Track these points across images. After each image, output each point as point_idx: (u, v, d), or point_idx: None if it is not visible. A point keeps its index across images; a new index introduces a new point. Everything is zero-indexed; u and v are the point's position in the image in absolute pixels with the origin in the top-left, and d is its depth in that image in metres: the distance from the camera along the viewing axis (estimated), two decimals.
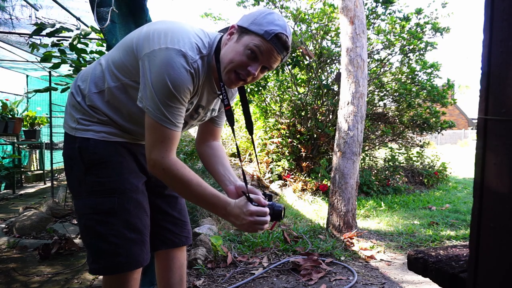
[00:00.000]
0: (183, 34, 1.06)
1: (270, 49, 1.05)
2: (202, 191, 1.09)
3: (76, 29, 2.75)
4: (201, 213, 3.46)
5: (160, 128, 1.03)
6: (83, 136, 1.15)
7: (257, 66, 1.08)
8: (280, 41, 1.05)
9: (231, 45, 1.09)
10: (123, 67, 1.11)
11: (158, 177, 1.11)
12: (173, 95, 1.01)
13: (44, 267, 2.48)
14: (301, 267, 2.39)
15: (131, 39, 1.11)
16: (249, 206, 1.10)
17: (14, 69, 6.17)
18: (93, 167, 1.14)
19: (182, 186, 1.08)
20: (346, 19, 3.25)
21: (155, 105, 1.01)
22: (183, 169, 1.07)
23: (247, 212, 1.09)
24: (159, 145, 1.05)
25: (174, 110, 1.04)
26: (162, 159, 1.05)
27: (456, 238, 3.17)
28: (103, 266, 1.14)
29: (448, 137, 24.07)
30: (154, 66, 1.01)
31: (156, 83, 1.00)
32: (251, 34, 1.05)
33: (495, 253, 0.64)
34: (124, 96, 1.14)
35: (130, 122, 1.18)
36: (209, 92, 1.20)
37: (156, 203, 1.35)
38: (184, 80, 1.02)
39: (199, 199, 1.11)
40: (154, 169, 1.08)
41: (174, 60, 1.00)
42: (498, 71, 0.62)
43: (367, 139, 5.73)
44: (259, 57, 1.06)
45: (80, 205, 1.17)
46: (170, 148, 1.06)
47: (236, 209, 1.10)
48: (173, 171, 1.06)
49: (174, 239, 1.40)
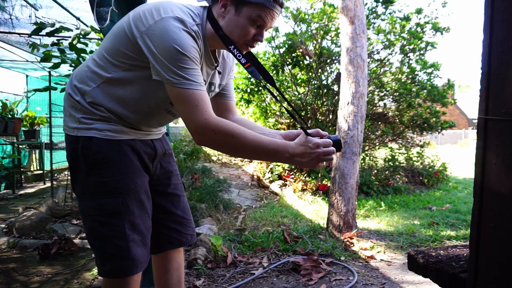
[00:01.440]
0: (173, 5, 1.07)
1: (271, 13, 1.09)
2: (260, 140, 1.05)
3: (75, 28, 2.75)
4: (201, 213, 3.47)
5: (187, 93, 1.01)
6: (86, 135, 1.12)
7: (263, 32, 1.12)
8: (278, 2, 1.08)
9: (231, 19, 1.09)
10: (118, 53, 1.09)
11: (210, 144, 1.07)
12: (185, 56, 1.00)
13: (43, 267, 2.48)
14: (301, 267, 2.39)
15: (121, 26, 1.10)
16: (314, 139, 1.07)
17: (14, 69, 6.17)
18: (96, 167, 1.12)
19: (237, 141, 1.04)
20: (346, 19, 3.25)
21: (173, 72, 1.00)
22: (231, 124, 1.04)
23: (314, 145, 1.06)
24: (196, 110, 1.01)
25: (191, 71, 1.01)
26: (206, 121, 1.01)
27: (456, 238, 3.17)
28: (110, 269, 1.13)
29: (448, 137, 24.06)
30: (155, 38, 1.00)
31: (164, 52, 0.99)
32: (249, 5, 1.06)
33: (495, 253, 0.64)
34: (126, 83, 1.11)
35: (134, 112, 1.16)
36: (207, 65, 1.19)
37: (159, 203, 1.33)
38: (188, 40, 1.01)
39: (258, 150, 1.06)
40: (203, 137, 1.03)
41: (173, 25, 1.00)
42: (498, 71, 0.62)
43: (367, 139, 5.73)
44: (264, 24, 1.10)
45: (84, 206, 1.15)
46: (208, 108, 1.03)
47: (299, 147, 1.07)
48: (224, 128, 1.02)
49: (180, 238, 1.38)
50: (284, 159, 1.08)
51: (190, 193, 3.91)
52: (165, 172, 1.35)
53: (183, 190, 1.45)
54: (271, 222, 3.64)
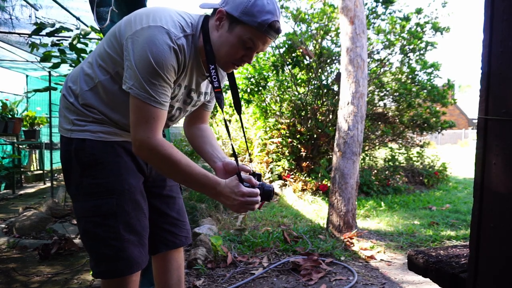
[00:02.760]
0: (165, 13, 1.06)
1: (264, 38, 1.07)
2: (191, 171, 1.07)
3: (75, 28, 2.75)
4: (201, 213, 3.46)
5: (144, 106, 1.01)
6: (79, 137, 1.13)
7: (252, 54, 1.11)
8: (273, 29, 1.06)
9: (223, 35, 1.08)
10: (109, 57, 1.09)
11: (144, 159, 1.09)
12: (156, 72, 1.00)
13: (43, 267, 2.48)
14: (301, 267, 2.38)
15: (113, 30, 1.10)
16: (241, 187, 1.08)
17: (14, 69, 6.17)
18: (89, 169, 1.12)
19: (170, 166, 1.06)
20: (346, 19, 3.25)
21: (139, 83, 1.00)
22: (171, 149, 1.05)
23: (239, 193, 1.08)
24: (144, 125, 1.02)
25: (158, 88, 1.02)
26: (148, 139, 1.02)
27: (456, 238, 3.17)
28: (105, 270, 1.13)
29: (448, 137, 24.06)
30: (137, 45, 1.00)
31: (139, 61, 0.99)
32: (243, 26, 1.04)
33: (495, 253, 0.64)
34: (116, 88, 1.11)
35: (126, 116, 1.15)
36: (198, 75, 1.19)
37: (154, 205, 1.33)
38: (167, 57, 1.00)
39: (188, 180, 1.08)
40: (140, 151, 1.05)
41: (157, 37, 1.00)
42: (498, 71, 0.62)
43: (367, 139, 5.72)
44: (254, 47, 1.08)
45: (79, 208, 1.15)
46: (156, 128, 1.04)
47: (226, 189, 1.09)
48: (160, 151, 1.03)
49: (174, 240, 1.39)
50: (211, 195, 1.11)
51: (190, 193, 3.91)
52: (160, 174, 1.35)
53: (179, 191, 1.46)
54: (271, 222, 3.64)
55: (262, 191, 1.14)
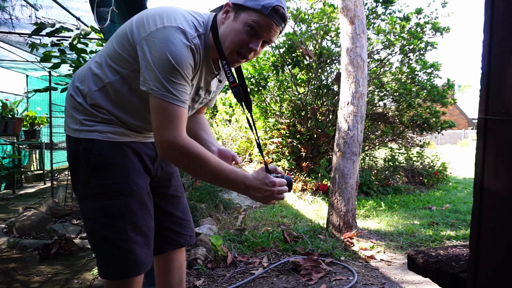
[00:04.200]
0: (178, 14, 1.06)
1: (269, 23, 1.06)
2: (221, 168, 1.05)
3: (76, 29, 2.75)
4: (201, 213, 3.46)
5: (168, 106, 1.00)
6: (88, 137, 1.12)
7: (258, 41, 1.09)
8: (278, 13, 1.05)
9: (229, 24, 1.08)
10: (120, 59, 1.09)
11: (172, 161, 1.07)
12: (176, 71, 0.99)
13: (44, 267, 2.48)
14: (301, 267, 2.39)
15: (124, 30, 1.09)
16: (271, 178, 1.08)
17: (14, 69, 6.17)
18: (98, 169, 1.12)
19: (200, 165, 1.04)
20: (346, 19, 3.25)
21: (160, 83, 0.99)
22: (199, 147, 1.03)
23: (271, 184, 1.08)
24: (169, 125, 1.00)
25: (179, 87, 1.01)
26: (175, 139, 1.00)
27: (456, 238, 3.17)
28: (112, 271, 1.13)
29: (448, 137, 24.06)
30: (154, 46, 0.99)
31: (158, 61, 0.98)
32: (248, 11, 1.05)
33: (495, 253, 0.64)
34: (126, 88, 1.11)
35: (135, 117, 1.15)
36: (207, 73, 1.19)
37: (159, 205, 1.33)
38: (185, 56, 1.01)
39: (218, 177, 1.06)
40: (168, 152, 1.02)
41: (174, 36, 1.00)
42: (498, 71, 0.62)
43: (367, 139, 5.72)
44: (259, 32, 1.07)
45: (86, 208, 1.14)
46: (182, 127, 1.02)
47: (256, 182, 1.08)
48: (190, 149, 1.01)
49: (179, 239, 1.39)
50: (240, 189, 1.10)
51: (190, 193, 3.91)
52: (165, 174, 1.36)
53: (183, 191, 1.46)
54: (271, 222, 3.64)
55: (286, 181, 1.15)
